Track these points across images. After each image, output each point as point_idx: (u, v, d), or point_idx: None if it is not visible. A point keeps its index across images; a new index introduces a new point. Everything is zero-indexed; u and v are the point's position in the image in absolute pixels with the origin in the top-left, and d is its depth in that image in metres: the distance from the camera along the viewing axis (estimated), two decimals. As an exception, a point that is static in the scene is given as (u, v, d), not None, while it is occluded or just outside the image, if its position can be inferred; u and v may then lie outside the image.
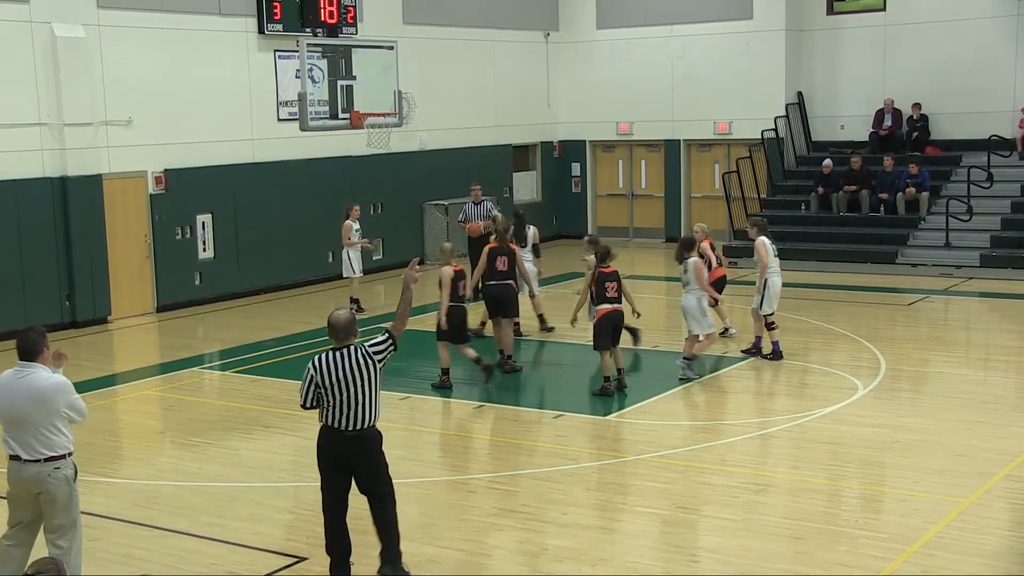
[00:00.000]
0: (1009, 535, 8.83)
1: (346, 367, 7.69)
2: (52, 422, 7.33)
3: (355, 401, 7.70)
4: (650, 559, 8.45)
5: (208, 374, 15.12)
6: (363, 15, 21.22)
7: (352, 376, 7.68)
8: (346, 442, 7.75)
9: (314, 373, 7.73)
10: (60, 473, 7.34)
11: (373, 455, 7.85)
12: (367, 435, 7.79)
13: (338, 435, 7.77)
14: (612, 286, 12.91)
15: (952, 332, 17.12)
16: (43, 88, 17.19)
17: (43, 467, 7.29)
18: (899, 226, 22.17)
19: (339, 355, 7.74)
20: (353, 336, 7.82)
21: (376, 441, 7.87)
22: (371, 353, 7.77)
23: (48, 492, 7.34)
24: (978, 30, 23.20)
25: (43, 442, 7.29)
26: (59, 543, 7.39)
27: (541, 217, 26.21)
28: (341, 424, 7.74)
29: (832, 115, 25.00)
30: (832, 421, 11.77)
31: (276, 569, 8.31)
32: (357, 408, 7.71)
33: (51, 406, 7.32)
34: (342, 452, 7.79)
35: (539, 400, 13.58)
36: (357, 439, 7.76)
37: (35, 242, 17.21)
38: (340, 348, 7.77)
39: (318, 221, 21.12)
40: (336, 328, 7.80)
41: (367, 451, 7.81)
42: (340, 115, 14.82)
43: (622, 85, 26.34)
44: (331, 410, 7.75)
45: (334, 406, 7.73)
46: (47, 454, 7.30)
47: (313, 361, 7.80)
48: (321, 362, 7.75)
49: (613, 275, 12.98)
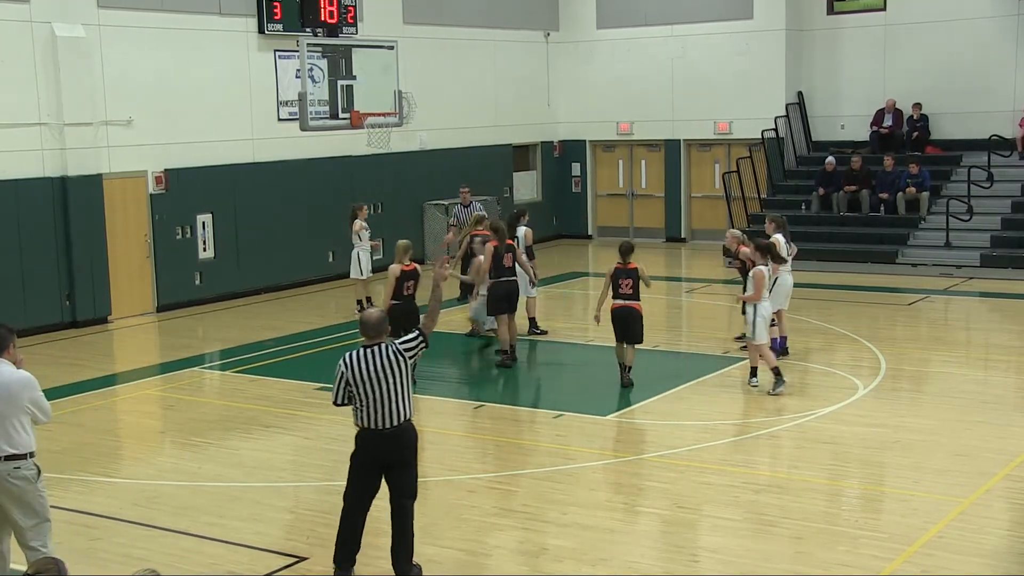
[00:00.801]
0: (1009, 535, 8.83)
1: (377, 364, 7.69)
2: (17, 417, 7.26)
3: (387, 398, 7.70)
4: (650, 559, 8.45)
5: (208, 374, 15.12)
6: (363, 15, 21.22)
7: (383, 373, 7.68)
8: (385, 440, 7.75)
9: (345, 370, 7.73)
10: (20, 473, 7.26)
11: (409, 449, 7.86)
12: (404, 430, 7.80)
13: (377, 435, 7.75)
14: (627, 283, 12.99)
15: (952, 332, 17.12)
16: (43, 88, 17.18)
17: (3, 466, 7.21)
18: (899, 226, 22.17)
19: (369, 353, 7.74)
20: (383, 334, 7.84)
21: (413, 436, 7.89)
22: (402, 351, 7.78)
23: (8, 493, 7.25)
24: (978, 30, 23.19)
25: (5, 438, 7.22)
26: (32, 544, 7.32)
27: (541, 217, 26.26)
28: (377, 423, 7.72)
29: (832, 115, 25.00)
30: (832, 421, 11.77)
31: (276, 569, 8.31)
32: (390, 405, 7.71)
33: (15, 401, 7.26)
34: (381, 451, 7.78)
35: (539, 400, 13.58)
36: (395, 435, 7.76)
37: (35, 242, 17.21)
38: (371, 346, 7.77)
39: (318, 221, 21.12)
40: (367, 326, 7.83)
41: (404, 445, 7.82)
42: (340, 115, 14.81)
43: (622, 85, 26.34)
44: (365, 410, 7.73)
45: (367, 405, 7.71)
46: (8, 451, 7.22)
47: (344, 358, 7.79)
48: (352, 359, 7.75)
49: (630, 272, 13.02)
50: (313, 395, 13.32)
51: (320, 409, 12.77)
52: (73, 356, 15.90)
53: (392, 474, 7.87)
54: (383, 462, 7.83)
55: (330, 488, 10.11)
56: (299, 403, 13.06)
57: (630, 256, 13.10)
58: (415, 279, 13.45)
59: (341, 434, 11.94)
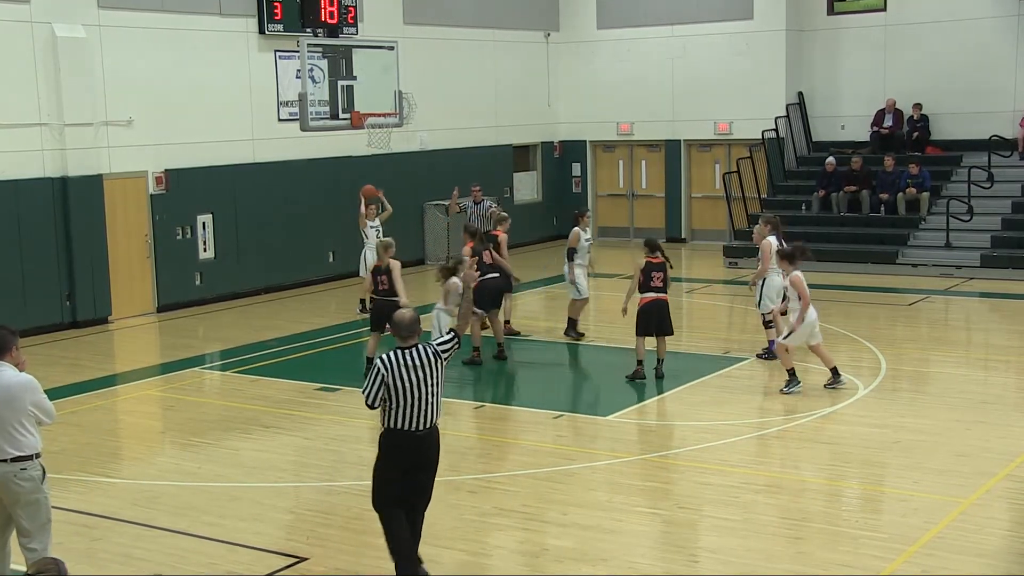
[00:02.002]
0: (1009, 535, 8.83)
1: (416, 366, 7.58)
2: (20, 420, 7.25)
3: (424, 401, 7.58)
4: (650, 559, 8.45)
5: (208, 374, 15.12)
6: (363, 15, 21.22)
7: (422, 374, 7.58)
8: (418, 442, 7.62)
9: (385, 372, 7.54)
10: (26, 474, 7.25)
11: (436, 451, 7.78)
12: (433, 433, 7.72)
13: (411, 437, 7.60)
14: (659, 276, 13.38)
15: (952, 332, 17.12)
16: (43, 88, 17.19)
17: (9, 467, 7.20)
18: (899, 226, 22.17)
19: (407, 354, 7.61)
20: (417, 335, 7.72)
21: (438, 440, 7.81)
22: (439, 352, 7.70)
23: (13, 494, 7.24)
24: (978, 30, 23.20)
25: (10, 441, 7.21)
26: (31, 545, 7.31)
27: (541, 217, 26.30)
28: (410, 425, 7.57)
29: (832, 115, 25.00)
30: (832, 421, 11.77)
31: (276, 569, 8.30)
32: (425, 407, 7.59)
33: (18, 404, 7.24)
34: (413, 454, 7.65)
35: (539, 400, 13.58)
36: (427, 437, 7.66)
37: (35, 242, 17.22)
38: (407, 347, 7.65)
39: (318, 221, 21.12)
40: (400, 327, 7.69)
41: (432, 448, 7.73)
42: (340, 115, 14.81)
43: (622, 85, 26.34)
44: (399, 411, 7.56)
45: (403, 407, 7.55)
46: (14, 453, 7.21)
47: (383, 360, 7.60)
48: (392, 361, 7.58)
49: (660, 266, 13.44)
50: (313, 395, 13.33)
51: (320, 409, 12.78)
52: (73, 356, 15.91)
53: (417, 478, 7.72)
54: (410, 464, 7.68)
55: (330, 488, 10.12)
56: (299, 403, 13.06)
57: (658, 251, 13.50)
58: (388, 274, 13.70)
59: (341, 434, 11.96)
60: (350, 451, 11.31)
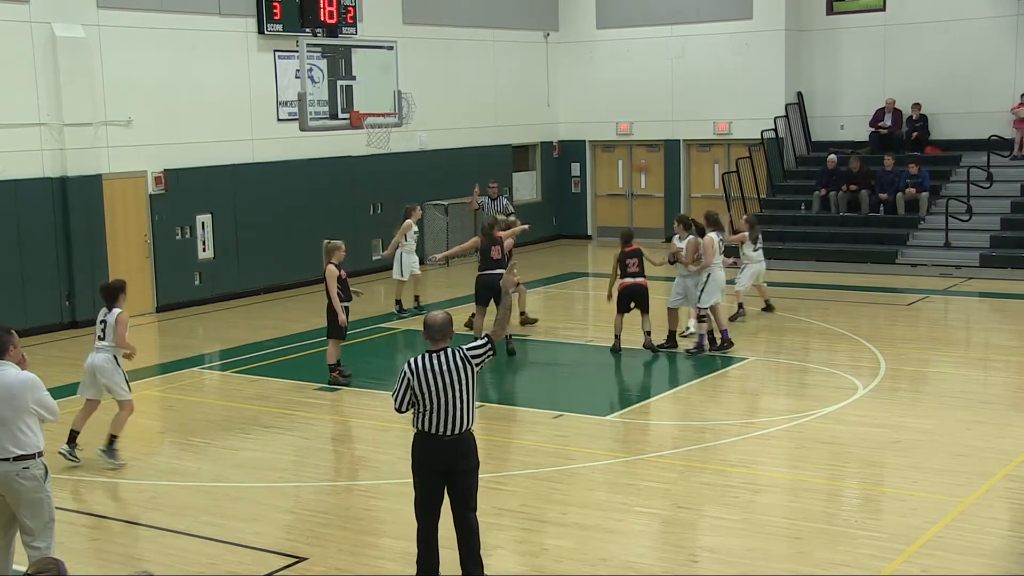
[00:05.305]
0: (1009, 535, 8.83)
1: (444, 370, 7.41)
2: (23, 419, 7.25)
3: (453, 406, 7.41)
4: (650, 559, 8.45)
5: (208, 374, 15.12)
6: (363, 15, 21.21)
7: (450, 380, 7.40)
8: (445, 447, 7.48)
9: (410, 376, 7.42)
10: (29, 473, 7.24)
11: (470, 458, 7.60)
12: (465, 438, 7.55)
13: (438, 441, 7.46)
14: (634, 262, 14.71)
15: (952, 332, 17.12)
16: (43, 88, 17.19)
17: (12, 466, 7.20)
18: (899, 226, 22.18)
19: (436, 358, 7.45)
20: (449, 338, 7.53)
21: (472, 444, 7.64)
22: (469, 357, 7.51)
23: (15, 492, 7.24)
24: (978, 30, 23.20)
25: (12, 440, 7.21)
26: (35, 544, 7.31)
27: (541, 217, 26.25)
28: (439, 429, 7.43)
29: (832, 115, 25.00)
30: (832, 421, 11.77)
31: (276, 569, 8.30)
32: (455, 412, 7.42)
33: (19, 402, 7.24)
34: (440, 458, 7.51)
35: (539, 400, 13.57)
36: (456, 443, 7.48)
37: (35, 242, 17.21)
38: (437, 351, 7.49)
39: (318, 221, 21.10)
40: (432, 329, 7.50)
41: (464, 454, 7.56)
42: (340, 115, 14.81)
43: (622, 85, 26.33)
44: (427, 415, 7.43)
45: (431, 411, 7.41)
46: (16, 452, 7.20)
47: (409, 363, 7.48)
48: (418, 365, 7.44)
49: (633, 252, 14.72)
50: (313, 395, 13.33)
51: (320, 409, 12.78)
52: (73, 356, 15.87)
53: (455, 481, 7.58)
54: (443, 468, 7.54)
55: (330, 488, 10.12)
56: (299, 403, 13.06)
57: (631, 240, 14.84)
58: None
59: (341, 434, 11.97)
60: (350, 451, 11.30)
